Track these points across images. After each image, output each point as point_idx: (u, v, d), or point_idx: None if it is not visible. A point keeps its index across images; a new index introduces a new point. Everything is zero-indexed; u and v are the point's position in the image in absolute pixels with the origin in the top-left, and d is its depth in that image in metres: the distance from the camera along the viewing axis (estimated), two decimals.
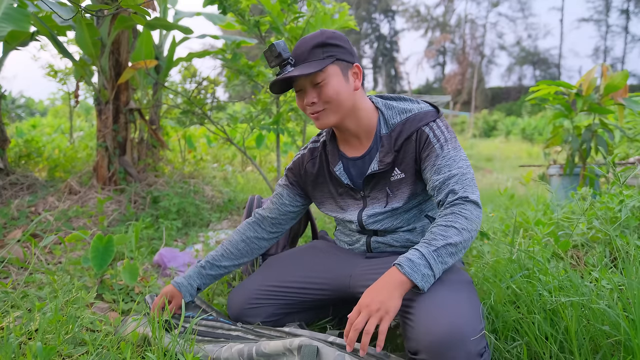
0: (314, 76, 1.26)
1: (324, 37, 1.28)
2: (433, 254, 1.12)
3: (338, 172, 1.41)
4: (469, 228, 1.17)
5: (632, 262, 1.21)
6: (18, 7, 2.63)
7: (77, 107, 4.97)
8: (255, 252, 1.58)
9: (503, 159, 10.43)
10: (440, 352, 1.03)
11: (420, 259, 1.12)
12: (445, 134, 1.30)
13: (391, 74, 47.36)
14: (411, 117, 1.33)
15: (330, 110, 1.30)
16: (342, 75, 1.29)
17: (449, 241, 1.14)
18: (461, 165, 1.26)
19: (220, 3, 2.59)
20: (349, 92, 1.30)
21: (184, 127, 3.49)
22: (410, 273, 1.10)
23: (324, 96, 1.28)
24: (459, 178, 1.24)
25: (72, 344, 1.31)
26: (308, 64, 1.26)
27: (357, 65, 1.33)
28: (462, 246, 1.16)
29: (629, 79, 3.06)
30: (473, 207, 1.20)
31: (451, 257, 1.15)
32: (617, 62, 41.59)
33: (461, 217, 1.17)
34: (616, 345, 1.11)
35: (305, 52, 1.28)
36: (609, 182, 2.86)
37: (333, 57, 1.27)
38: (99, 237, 1.76)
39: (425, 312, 1.09)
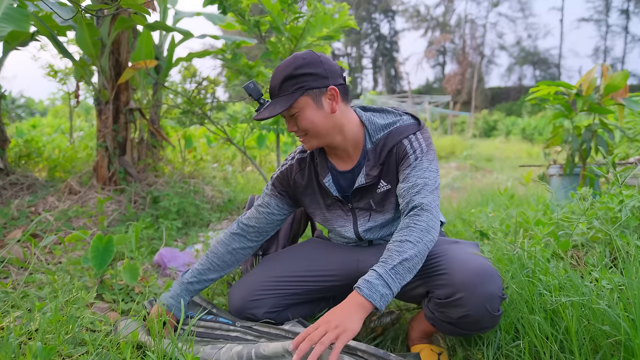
0: (287, 110, 1.30)
1: (291, 68, 1.29)
2: (390, 272, 1.15)
3: (327, 183, 1.44)
4: (425, 239, 1.20)
5: (632, 262, 1.21)
6: (18, 7, 2.63)
7: (77, 107, 4.97)
8: (241, 260, 1.59)
9: (503, 159, 10.44)
10: (477, 285, 1.16)
11: (378, 279, 1.14)
12: (422, 146, 1.33)
13: (391, 74, 47.35)
14: (393, 130, 1.37)
15: (310, 136, 1.36)
16: (314, 104, 1.31)
17: (404, 256, 1.16)
18: (427, 175, 1.29)
19: (220, 3, 2.59)
20: (325, 117, 1.33)
21: (184, 127, 3.49)
22: (369, 295, 1.12)
23: (300, 127, 1.33)
24: (421, 188, 1.27)
25: (72, 344, 1.31)
26: (277, 100, 1.31)
27: (332, 88, 1.31)
28: (419, 258, 1.19)
29: (629, 79, 3.06)
30: (427, 217, 1.23)
31: (409, 272, 1.17)
32: (617, 62, 41.60)
33: (416, 229, 1.21)
34: (616, 345, 1.11)
35: (276, 86, 1.31)
36: (609, 182, 2.86)
37: (302, 88, 1.28)
38: (99, 237, 1.76)
39: (454, 259, 1.24)
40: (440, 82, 43.58)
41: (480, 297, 1.16)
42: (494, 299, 1.17)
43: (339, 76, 1.35)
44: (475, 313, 1.17)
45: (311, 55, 1.32)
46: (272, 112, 1.28)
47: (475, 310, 1.17)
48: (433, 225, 1.23)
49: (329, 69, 1.32)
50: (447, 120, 19.79)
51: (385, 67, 47.38)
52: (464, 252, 1.27)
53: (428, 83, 46.93)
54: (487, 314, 1.17)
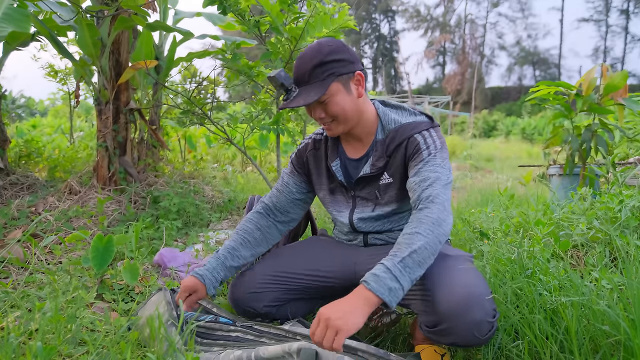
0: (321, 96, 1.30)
1: (322, 55, 1.30)
2: (398, 265, 1.08)
3: (334, 168, 1.46)
4: (436, 232, 1.15)
5: (632, 262, 1.21)
6: (18, 7, 2.63)
7: (77, 107, 4.98)
8: (270, 241, 1.59)
9: (503, 159, 10.43)
10: (462, 313, 1.10)
11: (386, 273, 1.07)
12: (437, 143, 1.33)
13: (391, 74, 47.36)
14: (405, 125, 1.37)
15: (338, 122, 1.37)
16: (345, 89, 1.33)
17: (413, 248, 1.10)
18: (440, 171, 1.28)
19: (220, 3, 2.59)
20: (354, 103, 1.35)
21: (184, 127, 3.49)
22: (377, 289, 1.05)
23: (330, 112, 1.34)
24: (433, 181, 1.25)
25: (72, 344, 1.31)
26: (310, 87, 1.30)
27: (359, 73, 1.35)
28: (430, 251, 1.13)
29: (628, 79, 3.06)
30: (438, 210, 1.19)
31: (419, 265, 1.11)
32: (617, 62, 41.61)
33: (426, 221, 1.16)
34: (616, 345, 1.11)
35: (306, 73, 1.31)
36: (608, 182, 2.86)
37: (333, 74, 1.30)
38: (99, 237, 1.76)
39: (439, 285, 1.16)
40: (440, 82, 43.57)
41: (466, 325, 1.11)
42: (482, 325, 1.12)
43: (359, 61, 1.38)
44: (463, 340, 1.14)
45: (335, 41, 1.34)
46: (307, 100, 1.27)
47: (463, 338, 1.13)
48: (444, 218, 1.18)
49: (354, 55, 1.35)
50: (447, 120, 19.79)
51: (385, 67, 47.38)
52: (450, 273, 1.19)
53: (428, 83, 46.94)
54: (475, 339, 1.13)
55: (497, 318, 1.16)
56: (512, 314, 1.27)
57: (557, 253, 1.66)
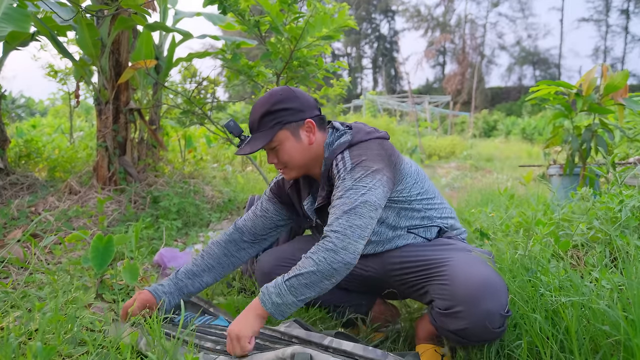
0: (267, 144, 1.36)
1: (269, 104, 1.35)
2: (284, 283, 1.20)
3: (306, 207, 1.50)
4: (329, 259, 1.19)
5: (632, 262, 1.21)
6: (18, 7, 2.63)
7: (77, 107, 4.98)
8: (237, 264, 1.59)
9: (503, 159, 10.43)
10: (477, 301, 1.14)
11: (273, 288, 1.22)
12: (347, 165, 1.31)
13: (391, 74, 47.37)
14: (330, 152, 1.40)
15: (289, 168, 1.42)
16: (293, 137, 1.37)
17: (301, 271, 1.20)
18: (347, 195, 1.26)
19: (220, 3, 2.59)
20: (303, 150, 1.39)
21: (184, 127, 3.49)
22: (263, 301, 1.22)
23: (281, 159, 1.40)
24: (337, 208, 1.26)
25: (72, 344, 1.31)
26: (258, 135, 1.37)
27: (309, 121, 1.38)
28: (319, 276, 1.19)
29: (629, 79, 3.06)
30: (337, 238, 1.21)
31: (307, 287, 1.20)
32: (617, 62, 41.60)
33: (322, 248, 1.21)
34: (616, 345, 1.11)
35: (255, 122, 1.38)
36: (609, 182, 2.86)
37: (280, 123, 1.35)
38: (99, 237, 1.76)
39: (459, 270, 1.21)
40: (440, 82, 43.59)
41: (479, 312, 1.14)
42: (494, 316, 1.14)
43: (314, 108, 1.41)
44: (474, 327, 1.16)
45: (286, 90, 1.39)
46: (254, 148, 1.34)
47: (474, 325, 1.15)
48: (344, 247, 1.20)
49: (305, 102, 1.39)
50: (447, 120, 19.79)
51: (385, 67, 47.38)
52: (469, 263, 1.23)
53: (428, 83, 46.94)
54: (486, 329, 1.15)
55: (509, 315, 1.19)
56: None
57: (557, 253, 1.66)
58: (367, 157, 1.31)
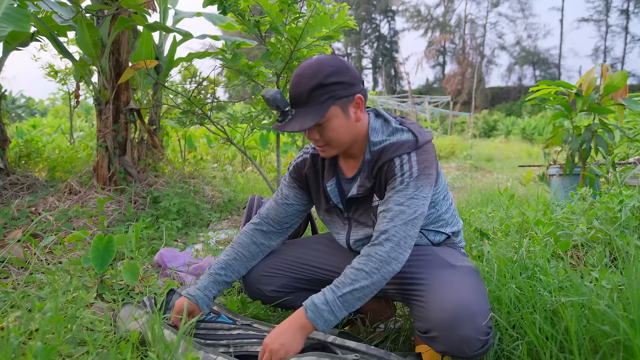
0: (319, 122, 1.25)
1: (322, 76, 1.22)
2: (338, 300, 1.17)
3: (329, 189, 1.42)
4: (382, 270, 1.17)
5: (632, 262, 1.21)
6: (18, 7, 2.63)
7: (77, 107, 4.98)
8: (265, 252, 1.58)
9: (503, 159, 10.43)
10: (451, 327, 1.11)
11: (325, 305, 1.17)
12: (413, 170, 1.25)
13: (391, 74, 47.36)
14: (388, 146, 1.30)
15: (332, 146, 1.31)
16: (343, 114, 1.26)
17: (355, 286, 1.17)
18: (408, 204, 1.21)
19: (220, 3, 2.59)
20: (350, 127, 1.29)
21: (184, 127, 3.49)
22: (313, 319, 1.17)
23: (326, 137, 1.29)
24: (394, 216, 1.21)
25: (72, 344, 1.31)
26: (307, 111, 1.23)
27: (359, 96, 1.27)
28: (372, 289, 1.18)
29: (628, 79, 3.06)
30: (390, 248, 1.18)
31: (359, 300, 1.18)
32: (617, 62, 41.61)
33: (374, 259, 1.18)
34: (616, 345, 1.11)
35: (304, 94, 1.23)
36: (608, 182, 2.86)
37: (333, 98, 1.23)
38: (99, 237, 1.76)
39: (435, 293, 1.17)
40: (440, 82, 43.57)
41: (455, 338, 1.11)
42: (471, 342, 1.10)
43: (360, 81, 1.30)
44: (453, 351, 1.13)
45: (338, 61, 1.26)
46: (304, 125, 1.21)
47: (452, 349, 1.13)
48: (395, 257, 1.18)
49: (354, 76, 1.27)
50: (447, 120, 19.79)
51: (385, 67, 47.38)
52: (447, 284, 1.18)
53: (428, 83, 46.93)
54: (465, 354, 1.12)
55: (491, 335, 1.14)
56: (512, 314, 1.27)
57: (557, 253, 1.66)
58: (429, 163, 1.27)
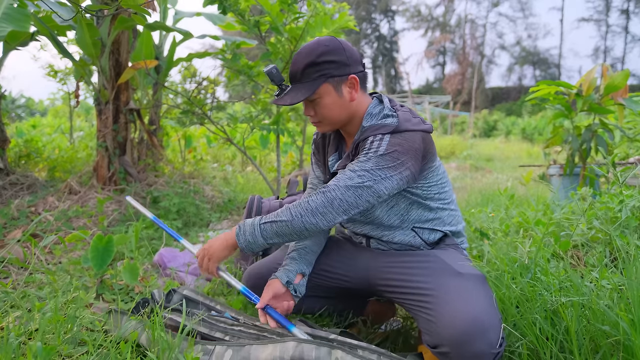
0: (308, 97, 1.30)
1: (315, 55, 1.28)
2: (259, 225, 1.26)
3: (330, 163, 1.47)
4: (305, 218, 1.21)
5: (632, 262, 1.21)
6: (18, 7, 2.63)
7: (77, 107, 4.98)
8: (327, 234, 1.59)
9: (503, 159, 10.43)
10: (463, 343, 1.07)
11: (249, 227, 1.28)
12: (381, 147, 1.25)
13: (391, 74, 47.35)
14: (372, 126, 1.32)
15: (325, 123, 1.37)
16: (336, 92, 1.31)
17: (276, 220, 1.25)
18: (360, 173, 1.22)
19: (220, 3, 2.59)
20: (344, 106, 1.33)
21: (184, 127, 3.49)
22: (237, 234, 1.29)
23: (319, 113, 1.34)
24: (342, 176, 1.24)
25: (72, 344, 1.31)
26: (300, 86, 1.31)
27: (353, 77, 1.31)
28: (290, 229, 1.23)
29: (629, 79, 3.06)
30: (321, 201, 1.21)
31: (277, 235, 1.25)
32: (617, 62, 41.59)
33: (303, 205, 1.23)
34: (616, 345, 1.11)
35: (299, 71, 1.31)
36: (609, 182, 2.86)
37: (325, 75, 1.29)
38: (99, 237, 1.76)
39: (444, 307, 1.14)
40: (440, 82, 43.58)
41: (467, 354, 1.08)
42: (484, 357, 1.08)
43: (359, 63, 1.34)
44: None
45: (334, 41, 1.31)
46: (294, 99, 1.28)
47: None
48: (323, 212, 1.20)
49: (351, 57, 1.31)
50: (447, 120, 19.79)
51: (385, 67, 47.37)
52: (457, 296, 1.15)
53: (428, 83, 46.92)
54: None
55: (503, 345, 1.11)
56: (512, 314, 1.27)
57: (557, 253, 1.66)
58: (402, 148, 1.26)
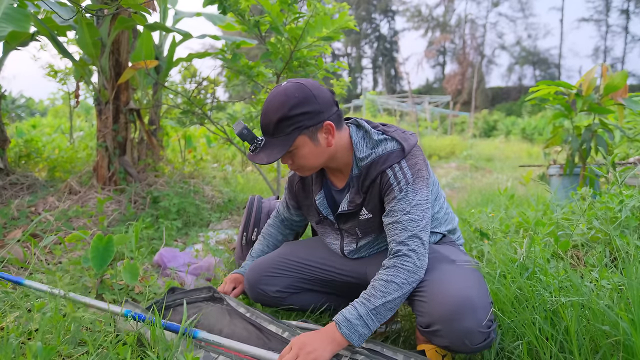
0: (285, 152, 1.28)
1: (286, 108, 1.24)
2: (371, 313, 1.17)
3: (318, 202, 1.47)
4: (410, 280, 1.20)
5: (632, 262, 1.21)
6: (18, 7, 2.63)
7: (77, 107, 4.98)
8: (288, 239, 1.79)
9: (503, 159, 10.43)
10: (453, 320, 1.13)
11: (358, 320, 1.16)
12: (407, 176, 1.27)
13: (391, 74, 47.33)
14: (376, 160, 1.32)
15: (305, 169, 1.37)
16: (312, 141, 1.29)
17: (388, 299, 1.18)
18: (413, 211, 1.25)
19: (220, 3, 2.59)
20: (321, 153, 1.33)
21: (184, 127, 3.49)
22: (348, 335, 1.15)
23: (297, 163, 1.34)
24: (406, 225, 1.24)
25: (72, 344, 1.31)
26: (274, 142, 1.27)
27: (328, 123, 1.28)
28: (402, 298, 1.21)
29: (628, 79, 3.06)
30: (415, 257, 1.21)
31: (390, 311, 1.20)
32: (617, 62, 41.59)
33: (403, 270, 1.20)
34: (616, 345, 1.11)
35: (271, 126, 1.27)
36: (609, 182, 2.86)
37: (299, 128, 1.25)
38: (99, 237, 1.76)
39: (437, 287, 1.19)
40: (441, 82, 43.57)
41: (457, 331, 1.13)
42: (473, 334, 1.13)
43: (331, 105, 1.31)
44: (455, 346, 1.16)
45: (303, 90, 1.26)
46: (271, 157, 1.25)
47: (455, 343, 1.15)
48: (421, 265, 1.22)
49: (323, 102, 1.28)
50: (447, 120, 19.78)
51: (385, 67, 47.36)
52: (449, 278, 1.21)
53: (428, 83, 46.91)
54: (467, 347, 1.14)
55: (493, 329, 1.16)
56: (512, 314, 1.27)
57: (557, 253, 1.66)
58: (420, 166, 1.30)
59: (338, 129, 1.33)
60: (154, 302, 1.50)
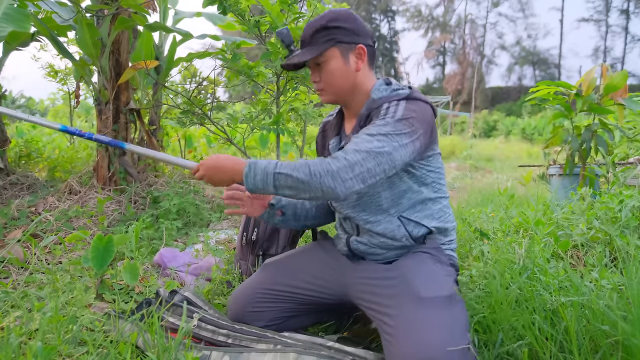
0: (315, 58, 1.32)
1: (325, 20, 1.31)
2: (273, 174, 1.16)
3: (331, 146, 1.45)
4: (323, 178, 1.12)
5: (632, 262, 1.21)
6: (18, 7, 2.63)
7: (78, 107, 4.98)
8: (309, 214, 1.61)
9: (503, 159, 10.43)
10: None
11: (261, 174, 1.17)
12: (398, 112, 1.23)
13: (391, 74, 47.38)
14: (383, 97, 1.31)
15: (328, 89, 1.36)
16: (342, 58, 1.32)
17: (293, 174, 1.14)
18: (378, 137, 1.17)
19: (220, 3, 2.59)
20: (348, 73, 1.33)
21: (184, 127, 3.49)
22: (246, 174, 1.18)
23: (324, 79, 1.35)
24: (361, 141, 1.17)
25: (72, 344, 1.31)
26: (309, 48, 1.33)
27: (361, 46, 1.32)
28: (304, 187, 1.15)
29: (628, 79, 3.06)
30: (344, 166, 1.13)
31: (288, 189, 1.16)
32: (617, 62, 41.61)
33: (324, 166, 1.14)
34: (616, 345, 1.11)
35: (308, 36, 1.34)
36: (608, 182, 2.86)
37: (333, 40, 1.30)
38: (99, 237, 1.76)
39: (400, 338, 1.11)
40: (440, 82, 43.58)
41: None
42: None
43: (369, 37, 1.36)
44: None
45: (346, 12, 1.34)
46: (301, 58, 1.30)
47: None
48: (343, 178, 1.13)
49: (361, 28, 1.34)
50: (447, 120, 19.79)
51: (385, 67, 47.38)
52: (413, 328, 1.11)
53: (428, 83, 46.94)
54: None
55: None
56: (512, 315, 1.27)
57: (557, 253, 1.66)
58: (418, 115, 1.24)
59: (369, 65, 1.37)
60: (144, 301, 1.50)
